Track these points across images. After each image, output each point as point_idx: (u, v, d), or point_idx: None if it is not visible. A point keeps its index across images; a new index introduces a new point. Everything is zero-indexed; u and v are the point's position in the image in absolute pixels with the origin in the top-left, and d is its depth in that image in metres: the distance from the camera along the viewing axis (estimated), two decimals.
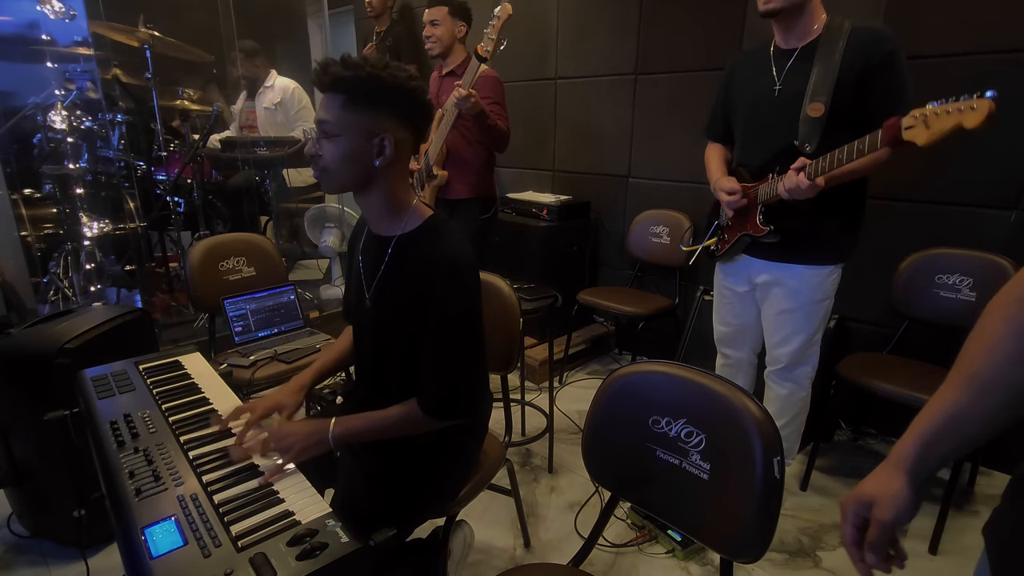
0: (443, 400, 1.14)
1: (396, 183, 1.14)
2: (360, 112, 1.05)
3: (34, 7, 2.76)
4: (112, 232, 3.08)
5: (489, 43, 2.08)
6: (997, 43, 1.91)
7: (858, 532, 0.69)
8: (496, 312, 1.56)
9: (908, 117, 1.31)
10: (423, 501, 1.25)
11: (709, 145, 1.95)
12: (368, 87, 1.04)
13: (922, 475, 0.67)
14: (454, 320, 1.11)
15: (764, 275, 1.79)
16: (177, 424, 1.13)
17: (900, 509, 0.65)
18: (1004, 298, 0.66)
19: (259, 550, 0.78)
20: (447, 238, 1.14)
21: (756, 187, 1.69)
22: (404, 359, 1.18)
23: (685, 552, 1.73)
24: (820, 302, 1.74)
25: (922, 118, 1.29)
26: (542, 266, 2.96)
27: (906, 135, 1.32)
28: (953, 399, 0.65)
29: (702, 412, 1.01)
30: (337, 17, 4.69)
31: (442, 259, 1.10)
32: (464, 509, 1.37)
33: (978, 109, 1.20)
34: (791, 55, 1.62)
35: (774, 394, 1.91)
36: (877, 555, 0.67)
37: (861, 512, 0.68)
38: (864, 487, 0.69)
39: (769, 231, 1.66)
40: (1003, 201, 1.97)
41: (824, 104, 1.54)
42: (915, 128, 1.30)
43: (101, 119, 3.09)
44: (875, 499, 0.67)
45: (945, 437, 0.66)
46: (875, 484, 0.68)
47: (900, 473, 0.67)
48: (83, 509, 1.63)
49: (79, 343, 1.60)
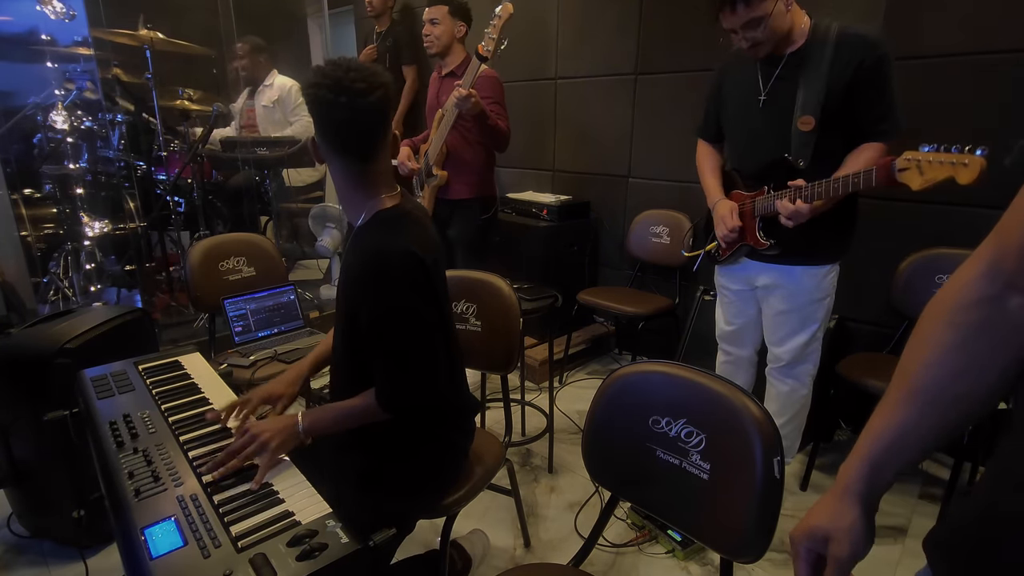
0: (388, 391, 1.15)
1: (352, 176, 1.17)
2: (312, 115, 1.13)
3: (34, 7, 2.76)
4: (112, 232, 3.08)
5: (490, 43, 2.07)
6: (997, 43, 1.91)
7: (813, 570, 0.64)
8: (496, 312, 1.56)
9: (901, 159, 1.34)
10: (414, 497, 1.25)
11: (701, 146, 1.94)
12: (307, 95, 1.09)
13: (874, 500, 0.63)
14: (386, 315, 1.11)
15: (764, 277, 1.79)
16: (177, 424, 1.13)
17: (857, 543, 0.61)
18: (945, 304, 0.59)
19: (259, 550, 0.78)
20: (388, 232, 1.15)
21: (752, 199, 1.70)
22: (353, 349, 1.20)
23: (685, 552, 1.73)
24: (820, 301, 1.75)
25: (915, 162, 1.32)
26: (542, 266, 2.96)
27: (900, 177, 1.35)
28: (899, 417, 0.61)
29: (702, 412, 1.01)
30: (337, 17, 4.69)
31: (374, 253, 1.11)
32: (464, 509, 1.37)
33: (970, 166, 1.25)
34: (778, 63, 1.61)
35: (775, 391, 1.92)
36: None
37: (815, 548, 0.63)
38: (814, 519, 0.64)
39: (771, 245, 1.68)
40: (1003, 201, 1.95)
41: (814, 117, 1.54)
42: (909, 172, 1.33)
43: (101, 119, 3.10)
44: (829, 533, 0.62)
45: (893, 457, 0.62)
46: (827, 516, 0.63)
47: (853, 502, 0.62)
48: (83, 509, 1.63)
49: (79, 343, 1.60)
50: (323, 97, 1.05)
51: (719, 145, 1.92)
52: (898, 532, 1.85)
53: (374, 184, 1.18)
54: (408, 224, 1.18)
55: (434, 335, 1.16)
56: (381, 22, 3.75)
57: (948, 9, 1.99)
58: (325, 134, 1.13)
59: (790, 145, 1.59)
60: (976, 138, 1.98)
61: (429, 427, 1.26)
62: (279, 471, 1.00)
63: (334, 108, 1.06)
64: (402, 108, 3.78)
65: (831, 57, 1.51)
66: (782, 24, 1.52)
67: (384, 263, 1.09)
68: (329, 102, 1.05)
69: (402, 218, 1.18)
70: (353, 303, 1.16)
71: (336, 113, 1.07)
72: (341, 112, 1.07)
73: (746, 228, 1.73)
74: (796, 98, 1.56)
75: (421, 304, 1.13)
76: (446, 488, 1.31)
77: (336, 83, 1.05)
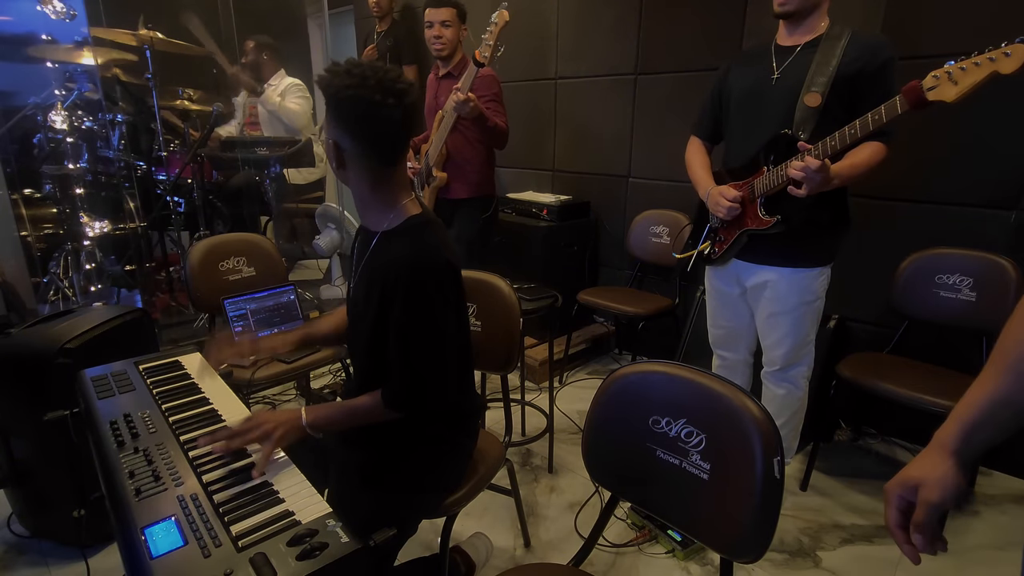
0: (401, 394, 1.16)
1: (376, 181, 1.15)
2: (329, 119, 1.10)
3: (34, 7, 2.76)
4: (112, 232, 3.08)
5: (487, 48, 2.08)
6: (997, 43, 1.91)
7: (903, 516, 0.69)
8: (496, 312, 1.56)
9: (928, 78, 1.28)
10: (417, 495, 1.25)
11: (692, 143, 1.93)
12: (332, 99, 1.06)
13: (966, 457, 0.67)
14: (412, 322, 1.11)
15: (754, 278, 1.79)
16: (177, 424, 1.13)
17: (947, 489, 0.66)
18: None
19: (259, 550, 0.78)
20: (421, 239, 1.14)
21: (750, 182, 1.69)
22: (372, 349, 1.21)
23: (685, 552, 1.73)
24: (810, 303, 1.74)
25: (944, 75, 1.25)
26: (542, 266, 2.96)
27: (930, 95, 1.27)
28: (993, 387, 0.67)
29: (702, 412, 1.01)
30: (337, 17, 4.69)
31: (407, 260, 1.11)
32: (464, 509, 1.37)
33: (1013, 55, 1.17)
34: (793, 51, 1.63)
35: (771, 394, 1.92)
36: (924, 536, 0.67)
37: (906, 495, 0.69)
38: (909, 471, 0.69)
39: (776, 221, 1.64)
40: (1003, 201, 1.97)
41: (822, 95, 1.54)
42: (940, 86, 1.25)
43: (101, 119, 3.09)
44: (921, 481, 0.67)
45: (987, 423, 0.67)
46: (920, 467, 0.69)
47: (946, 455, 0.68)
48: (83, 509, 1.63)
49: (79, 343, 1.60)
50: (369, 99, 1.02)
51: (710, 146, 1.92)
52: None
53: (398, 189, 1.18)
54: (438, 231, 1.19)
55: (451, 343, 1.17)
56: (383, 22, 3.75)
57: (948, 9, 1.99)
58: (361, 136, 1.08)
59: (792, 123, 1.59)
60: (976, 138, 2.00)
61: (436, 428, 1.27)
62: (279, 471, 1.00)
63: (382, 109, 1.03)
64: None
65: (843, 48, 1.54)
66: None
67: (422, 273, 1.10)
68: (377, 103, 1.02)
69: (430, 225, 1.18)
70: (382, 308, 1.15)
71: (384, 113, 1.04)
72: (389, 113, 1.04)
73: (746, 212, 1.72)
74: (806, 76, 1.57)
75: (450, 314, 1.15)
76: (449, 488, 1.31)
77: (380, 83, 1.02)
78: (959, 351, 2.01)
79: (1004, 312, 1.93)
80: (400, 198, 1.18)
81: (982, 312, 1.89)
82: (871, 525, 1.88)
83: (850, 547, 1.79)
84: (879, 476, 2.13)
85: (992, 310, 1.87)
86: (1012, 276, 1.82)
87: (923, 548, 0.68)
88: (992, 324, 1.87)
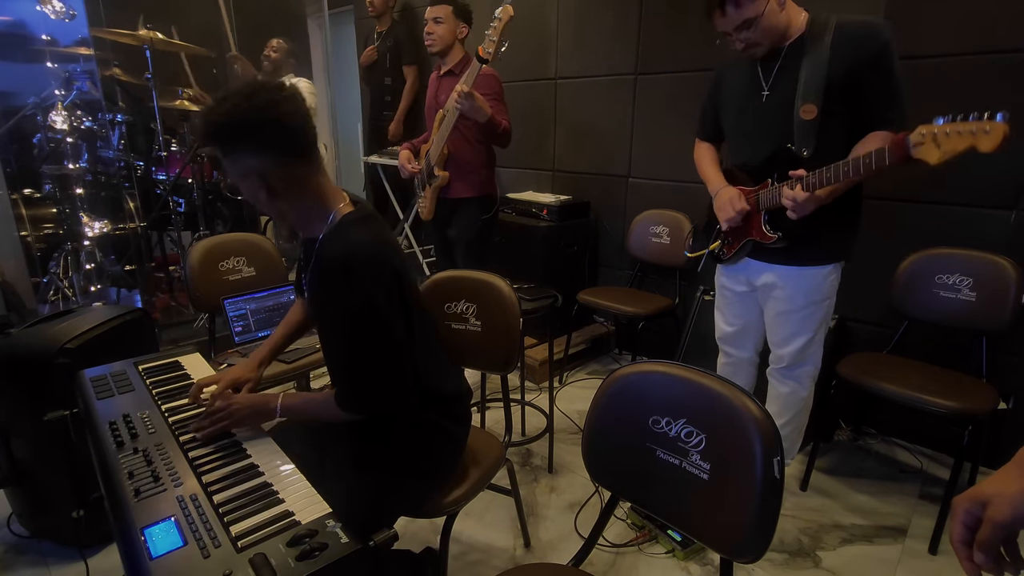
0: (351, 396, 1.16)
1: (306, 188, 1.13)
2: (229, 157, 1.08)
3: (34, 7, 2.76)
4: (112, 232, 3.08)
5: (491, 45, 2.08)
6: (997, 43, 1.91)
7: (968, 531, 0.66)
8: (496, 312, 1.56)
9: (915, 134, 1.29)
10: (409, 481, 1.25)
11: (699, 144, 1.93)
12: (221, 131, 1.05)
13: None
14: (347, 317, 1.10)
15: (764, 277, 1.79)
16: (176, 424, 1.13)
17: (1018, 509, 0.61)
18: None
19: (259, 550, 0.78)
20: (349, 235, 1.13)
21: (756, 192, 1.68)
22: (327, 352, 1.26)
23: (685, 552, 1.73)
24: (820, 303, 1.74)
25: (930, 135, 1.26)
26: (542, 266, 2.96)
27: (915, 152, 1.29)
28: None
29: (702, 412, 1.01)
30: (337, 17, 4.69)
31: (337, 256, 1.10)
32: (464, 509, 1.37)
33: (992, 133, 1.19)
34: (778, 55, 1.59)
35: (776, 392, 1.91)
36: (987, 555, 0.63)
37: (974, 511, 0.65)
38: (981, 485, 0.66)
39: (778, 238, 1.65)
40: (1003, 201, 1.97)
41: (816, 105, 1.51)
42: (925, 146, 1.28)
43: (101, 119, 3.10)
44: (991, 498, 0.64)
45: None
46: (994, 482, 0.65)
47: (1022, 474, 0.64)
48: (83, 509, 1.63)
49: (79, 343, 1.60)
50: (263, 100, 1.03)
51: (717, 144, 1.92)
52: (898, 532, 1.85)
53: (328, 194, 1.17)
54: (372, 225, 1.18)
55: (400, 338, 1.15)
56: (382, 22, 3.75)
57: (948, 9, 1.99)
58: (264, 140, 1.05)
59: (793, 136, 1.57)
60: None
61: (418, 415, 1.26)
62: (279, 470, 1.00)
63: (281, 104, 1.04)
64: (402, 108, 3.78)
65: (831, 43, 1.49)
66: (776, 23, 1.51)
67: (350, 261, 1.08)
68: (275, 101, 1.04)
69: (365, 220, 1.18)
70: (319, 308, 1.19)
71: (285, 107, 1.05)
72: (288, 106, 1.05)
73: (751, 223, 1.73)
74: (797, 87, 1.54)
75: (395, 309, 1.13)
76: (440, 475, 1.32)
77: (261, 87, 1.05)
78: (959, 351, 2.01)
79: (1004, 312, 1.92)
80: (334, 203, 1.18)
81: (982, 312, 1.89)
82: (871, 525, 1.88)
83: (850, 547, 1.79)
84: (879, 476, 2.13)
85: (992, 310, 1.86)
86: (1012, 276, 1.82)
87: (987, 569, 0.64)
88: (992, 324, 1.87)
